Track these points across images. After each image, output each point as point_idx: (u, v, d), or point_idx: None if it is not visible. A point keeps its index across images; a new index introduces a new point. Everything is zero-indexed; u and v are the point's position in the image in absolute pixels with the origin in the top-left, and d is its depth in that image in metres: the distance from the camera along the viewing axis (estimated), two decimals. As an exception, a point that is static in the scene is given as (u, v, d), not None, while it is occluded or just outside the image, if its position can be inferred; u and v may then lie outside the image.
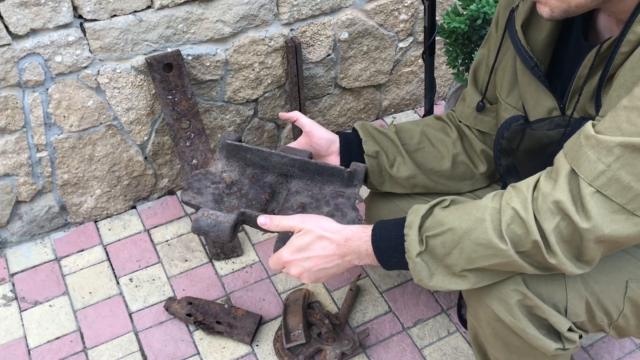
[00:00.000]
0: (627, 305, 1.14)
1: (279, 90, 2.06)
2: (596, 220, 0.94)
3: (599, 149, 0.94)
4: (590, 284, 1.12)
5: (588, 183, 0.95)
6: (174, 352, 1.68)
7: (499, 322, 1.15)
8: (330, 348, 1.62)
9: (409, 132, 1.44)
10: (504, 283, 1.11)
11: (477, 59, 1.39)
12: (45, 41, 1.62)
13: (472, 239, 1.03)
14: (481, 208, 1.04)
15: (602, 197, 0.94)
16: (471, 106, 1.38)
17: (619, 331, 1.21)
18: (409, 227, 1.09)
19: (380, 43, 2.12)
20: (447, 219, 1.07)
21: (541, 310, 1.11)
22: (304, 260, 1.16)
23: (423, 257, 1.08)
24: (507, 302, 1.11)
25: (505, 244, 1.00)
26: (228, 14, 1.80)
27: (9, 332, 1.74)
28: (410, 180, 1.42)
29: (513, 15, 1.18)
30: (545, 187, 0.99)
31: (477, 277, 1.08)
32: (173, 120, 1.85)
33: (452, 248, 1.05)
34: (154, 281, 1.86)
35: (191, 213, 2.04)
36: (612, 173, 0.93)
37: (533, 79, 1.18)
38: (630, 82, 0.97)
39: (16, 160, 1.78)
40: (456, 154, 1.41)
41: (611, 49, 1.01)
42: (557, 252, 0.98)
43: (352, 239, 1.15)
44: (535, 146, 1.22)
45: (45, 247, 1.95)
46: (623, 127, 0.93)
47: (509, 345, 1.19)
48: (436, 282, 1.09)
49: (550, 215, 0.97)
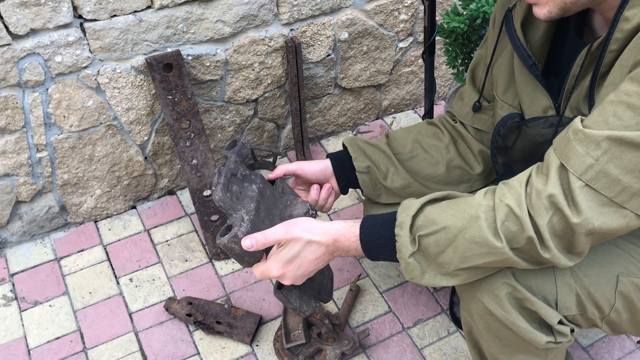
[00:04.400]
0: (619, 299, 1.15)
1: (279, 90, 2.06)
2: (586, 214, 0.95)
3: (587, 143, 0.95)
4: (580, 277, 1.13)
5: (577, 177, 0.96)
6: (174, 352, 1.68)
7: (490, 316, 1.15)
8: (330, 348, 1.62)
9: (401, 141, 1.44)
10: (494, 276, 1.11)
11: (475, 58, 1.39)
12: (45, 41, 1.62)
13: (467, 237, 1.03)
14: (474, 205, 1.04)
15: (591, 191, 0.95)
16: (469, 105, 1.39)
17: (612, 326, 1.21)
18: (399, 227, 1.08)
19: (380, 43, 2.12)
20: (440, 218, 1.06)
21: (531, 303, 1.11)
22: (295, 269, 1.15)
23: (416, 257, 1.08)
24: (497, 295, 1.11)
25: (501, 241, 1.00)
26: (228, 14, 1.81)
27: (9, 332, 1.74)
28: (405, 190, 1.42)
29: (510, 14, 1.18)
30: (538, 183, 0.99)
31: (468, 273, 1.08)
32: (173, 120, 1.85)
33: (446, 247, 1.05)
34: (154, 281, 1.86)
35: (191, 213, 2.04)
36: (601, 167, 0.94)
37: (530, 78, 1.18)
38: (619, 79, 0.99)
39: (16, 160, 1.78)
40: (450, 159, 1.41)
41: (600, 47, 1.02)
42: (551, 247, 0.99)
43: (340, 239, 1.14)
44: (530, 144, 1.22)
45: (45, 247, 1.95)
46: (610, 121, 0.94)
47: (501, 339, 1.20)
48: (427, 280, 1.09)
49: (544, 210, 0.98)
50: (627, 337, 1.69)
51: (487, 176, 1.46)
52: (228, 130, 2.06)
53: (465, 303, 1.22)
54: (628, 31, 0.97)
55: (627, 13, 0.97)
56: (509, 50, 1.25)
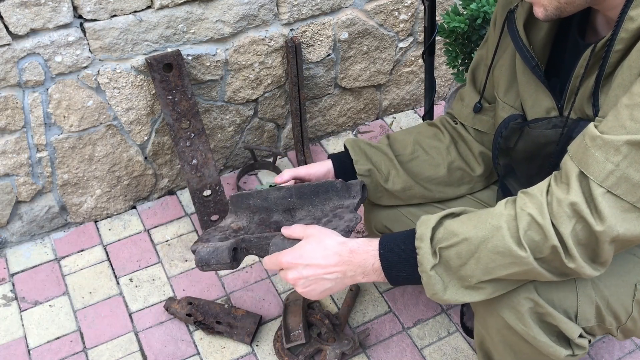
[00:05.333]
0: (636, 307, 1.14)
1: (279, 90, 2.06)
2: (610, 221, 0.94)
3: (606, 149, 0.94)
4: (601, 288, 1.12)
5: (598, 184, 0.94)
6: (174, 352, 1.68)
7: (509, 330, 1.14)
8: (330, 348, 1.62)
9: (402, 142, 1.43)
10: (515, 291, 1.09)
11: (476, 59, 1.38)
12: (45, 41, 1.62)
13: (490, 248, 1.00)
14: (495, 216, 1.02)
15: (613, 197, 0.94)
16: (469, 106, 1.38)
17: (625, 333, 1.20)
18: (420, 239, 1.06)
19: (380, 43, 2.12)
20: (461, 229, 1.03)
21: (552, 317, 1.10)
22: (303, 267, 1.13)
23: (437, 270, 1.05)
24: (518, 310, 1.10)
25: (525, 250, 0.98)
26: (228, 14, 1.81)
27: (9, 332, 1.74)
28: (406, 192, 1.41)
29: (512, 15, 1.17)
30: (559, 192, 0.98)
31: (492, 286, 1.05)
32: (173, 120, 1.85)
33: (468, 258, 1.02)
34: (154, 281, 1.86)
35: (191, 213, 2.04)
36: (621, 172, 0.93)
37: (533, 79, 1.18)
38: (629, 81, 0.97)
39: (16, 160, 1.78)
40: (451, 160, 1.41)
41: (605, 47, 1.01)
42: (576, 256, 0.97)
43: (358, 251, 1.11)
44: (532, 146, 1.21)
45: (45, 247, 1.95)
46: (627, 125, 0.93)
47: (518, 353, 1.19)
48: (450, 295, 1.05)
49: (567, 219, 0.96)
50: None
51: (487, 177, 1.45)
52: (228, 130, 2.06)
53: (480, 317, 1.20)
54: (633, 31, 0.96)
55: (632, 13, 0.96)
56: (510, 51, 1.24)
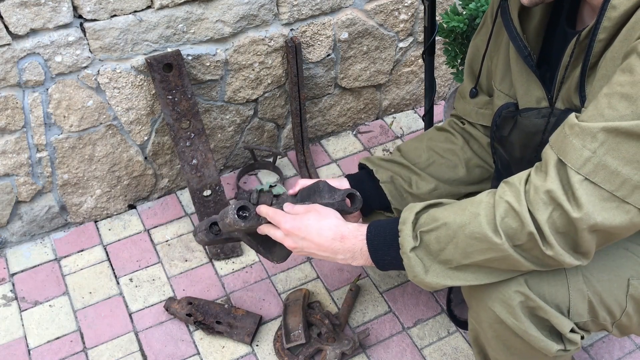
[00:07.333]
0: (630, 303, 1.14)
1: (279, 90, 2.06)
2: (587, 208, 0.95)
3: (583, 136, 0.95)
4: (593, 283, 1.12)
5: (576, 171, 0.95)
6: (174, 352, 1.68)
7: (500, 324, 1.15)
8: (330, 348, 1.62)
9: (415, 151, 1.43)
10: (506, 284, 1.10)
11: (471, 51, 1.39)
12: (45, 41, 1.62)
13: (467, 233, 1.03)
14: (475, 203, 1.05)
15: (590, 185, 0.95)
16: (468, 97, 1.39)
17: (621, 330, 1.20)
18: (402, 222, 1.11)
19: (380, 43, 2.12)
20: (442, 215, 1.07)
21: (544, 312, 1.10)
22: (300, 239, 1.19)
23: (417, 253, 1.08)
24: (509, 304, 1.11)
25: (500, 237, 1.00)
26: (228, 14, 1.81)
27: (9, 332, 1.74)
28: (433, 193, 1.41)
29: (506, 5, 1.18)
30: (536, 179, 0.99)
31: (474, 273, 1.08)
32: (173, 120, 1.85)
33: (447, 243, 1.05)
34: (154, 281, 1.86)
35: (191, 213, 2.04)
36: (599, 159, 0.94)
37: (525, 68, 1.19)
38: (612, 72, 0.98)
39: (16, 160, 1.78)
40: (468, 159, 1.42)
41: (589, 37, 1.02)
42: (553, 244, 0.98)
43: (348, 237, 1.16)
44: (523, 135, 1.22)
45: (45, 247, 1.95)
46: (605, 112, 0.94)
47: (510, 347, 1.19)
48: (432, 278, 1.09)
49: (543, 205, 0.97)
50: (627, 337, 1.69)
51: None
52: (228, 130, 2.06)
53: (473, 311, 1.21)
54: (616, 19, 0.97)
55: (614, 1, 0.97)
56: (506, 40, 1.25)
